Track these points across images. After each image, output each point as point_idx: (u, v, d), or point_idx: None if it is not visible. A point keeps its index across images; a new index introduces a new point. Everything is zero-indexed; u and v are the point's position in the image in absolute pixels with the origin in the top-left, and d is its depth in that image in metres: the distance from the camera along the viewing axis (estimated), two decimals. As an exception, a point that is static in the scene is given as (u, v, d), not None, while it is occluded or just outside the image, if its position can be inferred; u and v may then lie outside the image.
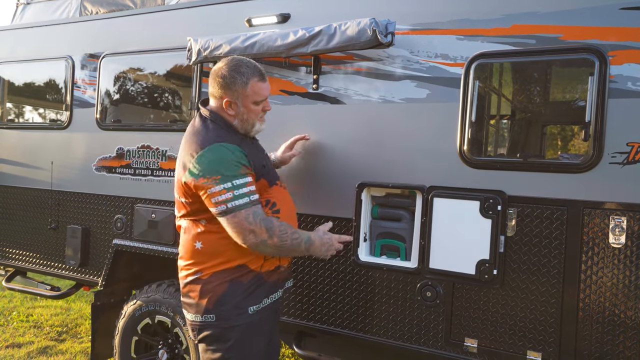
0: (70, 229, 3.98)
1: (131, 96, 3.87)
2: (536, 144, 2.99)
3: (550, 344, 2.46)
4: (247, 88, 2.30)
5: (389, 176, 2.84)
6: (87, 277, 3.96)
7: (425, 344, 2.74)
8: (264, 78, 2.36)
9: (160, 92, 3.77)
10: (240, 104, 2.32)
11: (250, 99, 2.32)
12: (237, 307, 2.28)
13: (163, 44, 3.60)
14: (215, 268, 2.30)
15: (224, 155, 2.20)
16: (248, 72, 2.31)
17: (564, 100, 2.62)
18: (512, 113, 2.77)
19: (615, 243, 2.34)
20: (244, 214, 2.17)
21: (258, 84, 2.33)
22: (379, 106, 2.88)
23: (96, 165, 3.89)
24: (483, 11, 2.63)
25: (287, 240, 2.28)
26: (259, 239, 2.20)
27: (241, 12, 3.28)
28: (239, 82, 2.29)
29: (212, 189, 2.16)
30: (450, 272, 2.65)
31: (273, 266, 2.39)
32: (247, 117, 2.35)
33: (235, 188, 2.17)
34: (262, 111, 2.39)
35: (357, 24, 2.75)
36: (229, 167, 2.18)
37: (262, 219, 2.21)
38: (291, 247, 2.31)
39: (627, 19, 2.34)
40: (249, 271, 2.31)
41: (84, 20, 4.12)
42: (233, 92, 2.31)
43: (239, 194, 2.17)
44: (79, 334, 5.21)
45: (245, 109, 2.33)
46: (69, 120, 4.07)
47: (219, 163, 2.18)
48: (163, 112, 3.78)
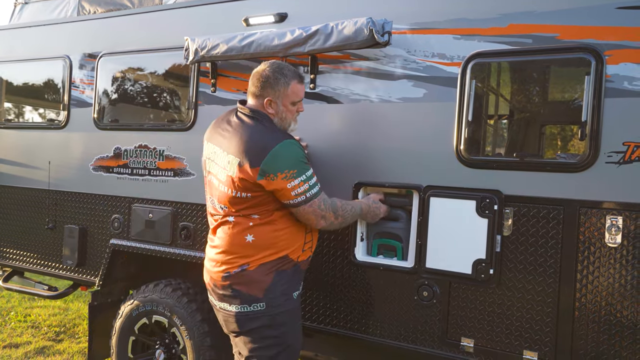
0: (67, 228, 3.98)
1: (128, 96, 3.87)
2: (532, 144, 2.99)
3: (546, 344, 2.46)
4: (289, 88, 2.52)
5: (385, 176, 2.84)
6: (84, 277, 3.95)
7: (421, 343, 2.73)
8: (302, 81, 2.60)
9: (158, 91, 3.77)
10: (280, 103, 2.53)
11: (290, 99, 2.54)
12: (285, 293, 2.49)
13: (160, 43, 3.60)
14: (263, 260, 2.46)
15: (295, 151, 2.42)
16: (290, 74, 2.54)
17: (560, 100, 2.62)
18: (508, 113, 2.77)
19: (612, 242, 2.34)
20: (317, 202, 2.45)
21: (297, 86, 2.55)
22: (376, 106, 2.87)
23: (93, 165, 3.89)
24: (480, 10, 2.63)
25: (348, 216, 2.62)
26: (328, 222, 2.53)
27: (238, 12, 3.28)
28: (281, 82, 2.51)
29: (292, 183, 2.38)
30: (447, 272, 2.65)
31: (306, 256, 2.63)
32: (285, 116, 2.55)
33: (309, 179, 2.42)
34: (296, 112, 2.60)
35: (353, 23, 2.75)
36: (301, 160, 2.42)
37: (330, 204, 2.52)
38: (351, 220, 2.67)
39: (623, 19, 2.34)
40: (290, 261, 2.52)
41: (82, 20, 4.12)
42: (275, 92, 2.51)
43: (312, 183, 2.44)
44: (77, 334, 5.21)
45: (284, 108, 2.54)
46: (66, 120, 4.07)
47: (293, 158, 2.40)
48: (160, 112, 3.77)
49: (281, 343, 2.49)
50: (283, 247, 2.50)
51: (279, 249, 2.48)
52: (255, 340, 2.48)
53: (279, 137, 2.43)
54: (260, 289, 2.45)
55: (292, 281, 2.54)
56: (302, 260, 2.59)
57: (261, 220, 2.47)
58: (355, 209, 2.66)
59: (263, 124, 2.49)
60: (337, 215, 2.55)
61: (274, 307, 2.46)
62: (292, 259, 2.53)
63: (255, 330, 2.48)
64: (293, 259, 2.53)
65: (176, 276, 3.56)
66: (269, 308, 2.46)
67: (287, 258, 2.51)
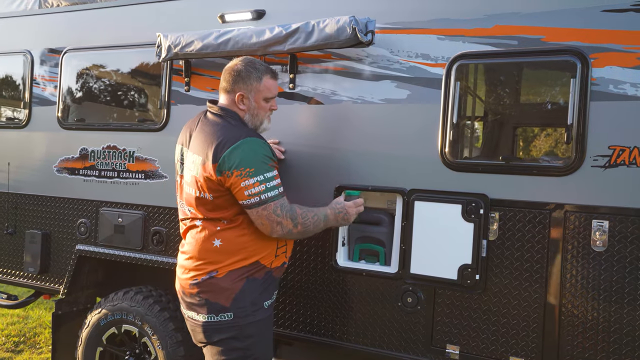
0: (29, 234, 3.76)
1: (96, 94, 3.68)
2: (518, 147, 2.97)
3: (532, 349, 2.44)
4: (261, 83, 2.42)
5: (368, 179, 2.76)
6: (47, 285, 3.75)
7: (406, 350, 2.67)
8: (275, 77, 2.50)
9: (127, 90, 3.60)
10: (252, 99, 2.43)
11: (262, 94, 2.44)
12: (254, 303, 2.35)
13: (130, 39, 3.44)
14: (232, 266, 2.33)
15: (257, 149, 2.29)
16: (262, 69, 2.44)
17: (546, 103, 2.61)
18: (494, 115, 2.74)
19: (598, 246, 2.33)
20: (273, 206, 2.28)
21: (270, 81, 2.46)
22: (358, 107, 2.80)
23: (57, 167, 3.68)
24: (464, 11, 2.59)
25: (309, 225, 2.39)
26: (285, 230, 2.32)
27: (214, 8, 3.15)
28: (254, 76, 2.41)
29: (246, 182, 2.24)
30: (432, 278, 2.60)
31: (280, 262, 2.48)
32: (257, 112, 2.45)
33: (267, 181, 2.27)
34: (269, 110, 2.49)
35: (336, 21, 2.66)
36: (261, 160, 2.28)
37: (288, 210, 2.32)
38: (313, 229, 2.43)
39: (608, 22, 2.33)
40: (261, 267, 2.38)
41: (44, 13, 3.90)
42: (247, 86, 2.41)
43: (270, 186, 2.27)
44: (38, 343, 4.97)
45: (256, 104, 2.44)
46: (27, 119, 3.85)
47: (251, 156, 2.26)
48: (130, 112, 3.60)
49: (249, 356, 2.35)
50: (253, 253, 2.37)
51: (248, 254, 2.36)
52: (222, 352, 2.35)
53: (243, 134, 2.31)
54: (228, 297, 2.32)
55: (264, 290, 2.41)
56: (275, 267, 2.46)
57: (229, 224, 2.35)
58: (319, 216, 2.43)
59: (229, 122, 2.39)
60: (295, 223, 2.33)
61: (242, 318, 2.33)
62: (264, 265, 2.40)
63: (222, 341, 2.35)
64: (265, 265, 2.40)
65: (147, 283, 3.41)
66: (236, 318, 2.33)
67: (258, 264, 2.38)
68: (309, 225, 2.39)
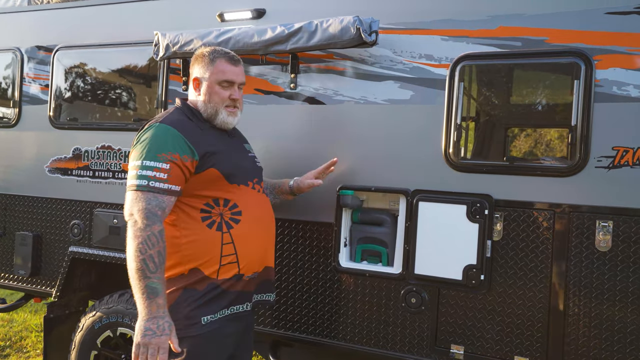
0: (19, 235, 3.67)
1: (89, 93, 3.61)
2: (522, 148, 2.99)
3: (537, 349, 2.45)
4: (214, 65, 2.25)
5: (371, 179, 2.75)
6: (38, 288, 3.66)
7: (410, 351, 2.67)
8: (234, 62, 2.28)
9: (122, 89, 3.53)
10: (205, 83, 2.25)
11: (215, 78, 2.24)
12: (188, 317, 2.08)
13: (126, 37, 3.37)
14: (168, 271, 2.09)
15: (161, 136, 2.08)
16: (218, 52, 2.28)
17: (550, 104, 2.63)
18: (497, 116, 2.75)
19: (602, 246, 2.35)
20: (135, 195, 2.00)
21: (225, 64, 2.26)
22: (361, 107, 2.79)
23: (49, 167, 3.60)
24: (468, 12, 2.59)
25: (138, 261, 1.92)
26: (129, 228, 1.99)
27: (213, 6, 3.11)
28: (207, 58, 2.26)
29: (131, 163, 2.07)
30: (436, 278, 2.60)
31: (231, 274, 2.15)
32: (209, 98, 2.24)
33: (144, 168, 2.02)
34: (229, 99, 2.25)
35: (339, 21, 2.65)
36: (157, 148, 2.05)
37: (148, 213, 1.97)
38: (134, 272, 1.94)
39: (612, 24, 2.36)
40: (202, 277, 2.11)
41: (35, 10, 3.81)
42: (200, 69, 2.27)
43: (145, 175, 2.01)
44: (25, 347, 4.86)
45: (208, 89, 2.24)
46: (17, 118, 3.76)
47: (151, 141, 2.07)
48: (125, 111, 3.54)
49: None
50: (189, 258, 2.10)
51: (183, 259, 2.10)
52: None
53: (160, 120, 2.14)
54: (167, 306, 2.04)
55: (204, 304, 2.10)
56: (223, 279, 2.13)
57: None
58: (151, 285, 1.92)
59: (169, 112, 2.24)
60: (137, 235, 1.95)
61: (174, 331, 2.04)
62: (205, 275, 2.10)
63: None
64: (206, 274, 2.10)
65: (143, 285, 3.34)
66: None
67: (197, 272, 2.10)
68: (137, 262, 1.93)
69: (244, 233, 2.18)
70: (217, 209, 2.15)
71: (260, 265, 2.28)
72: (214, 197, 2.15)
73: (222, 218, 2.15)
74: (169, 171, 2.03)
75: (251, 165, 2.38)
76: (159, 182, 2.02)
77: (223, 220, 2.15)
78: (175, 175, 2.05)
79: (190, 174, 2.10)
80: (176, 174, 2.05)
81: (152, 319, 1.93)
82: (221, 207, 2.16)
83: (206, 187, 2.14)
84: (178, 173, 2.06)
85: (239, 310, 2.22)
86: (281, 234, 2.92)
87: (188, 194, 2.12)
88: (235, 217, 2.18)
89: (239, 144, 2.42)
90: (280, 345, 3.12)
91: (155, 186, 2.01)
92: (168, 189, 2.03)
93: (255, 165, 2.41)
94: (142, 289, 1.93)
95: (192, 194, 2.13)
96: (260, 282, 2.30)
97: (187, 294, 2.09)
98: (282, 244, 2.93)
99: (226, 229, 2.15)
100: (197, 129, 2.19)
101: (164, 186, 2.02)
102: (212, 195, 2.15)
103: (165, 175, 2.02)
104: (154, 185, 2.01)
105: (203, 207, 2.14)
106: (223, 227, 2.15)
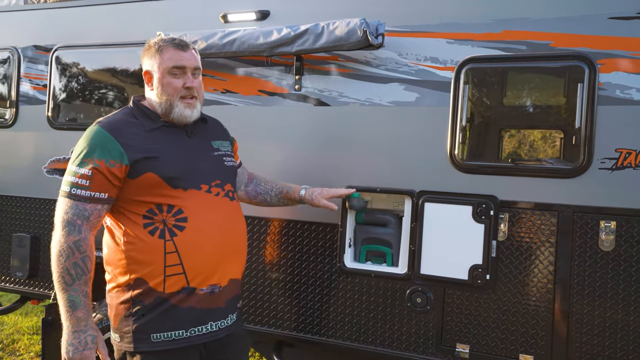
0: (16, 237, 3.62)
1: (89, 93, 3.58)
2: (526, 149, 3.04)
3: (542, 347, 2.49)
4: (162, 53, 2.05)
5: (376, 181, 2.78)
6: (36, 290, 3.62)
7: (415, 350, 2.70)
8: (181, 47, 2.07)
9: (122, 89, 3.51)
10: (156, 75, 2.07)
11: (164, 67, 2.04)
12: (137, 330, 1.96)
13: (127, 38, 3.35)
14: (115, 279, 2.01)
15: (87, 137, 1.97)
16: (165, 40, 2.09)
17: (554, 106, 2.67)
18: (502, 118, 2.79)
19: (605, 246, 2.40)
20: (60, 200, 1.94)
21: (172, 50, 2.05)
22: (366, 109, 2.81)
23: (48, 168, 3.57)
24: (474, 15, 2.63)
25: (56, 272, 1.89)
26: (53, 236, 1.93)
27: (216, 7, 3.11)
28: (153, 48, 2.08)
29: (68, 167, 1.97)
30: (442, 278, 2.63)
31: (178, 286, 1.97)
32: (162, 91, 2.06)
33: (68, 173, 1.94)
34: (184, 88, 2.05)
35: (346, 24, 2.67)
36: (82, 151, 1.94)
37: (65, 223, 1.90)
38: (55, 283, 1.90)
39: (615, 28, 2.41)
40: (150, 290, 1.96)
41: (33, 9, 3.77)
42: (148, 60, 2.09)
43: (67, 179, 1.93)
44: (17, 350, 4.79)
45: (160, 81, 2.06)
46: (14, 118, 3.72)
47: (79, 143, 1.97)
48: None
49: None
50: (133, 267, 1.96)
51: (127, 267, 1.97)
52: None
53: (99, 121, 2.03)
54: (116, 318, 2.00)
55: (154, 319, 1.96)
56: (170, 293, 1.96)
57: (108, 228, 2.06)
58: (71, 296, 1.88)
59: (116, 111, 2.13)
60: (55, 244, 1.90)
61: (125, 344, 1.98)
62: (152, 288, 1.96)
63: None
64: (151, 286, 1.96)
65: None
66: (121, 342, 1.99)
67: (142, 283, 1.96)
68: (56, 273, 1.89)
69: (190, 241, 1.98)
70: (159, 215, 1.97)
71: (222, 278, 2.07)
72: (157, 202, 1.98)
73: (165, 225, 1.97)
74: (91, 178, 1.91)
75: (212, 166, 2.15)
76: (80, 190, 1.91)
77: (166, 227, 1.97)
78: (99, 182, 1.92)
79: (120, 180, 1.95)
80: (99, 181, 1.92)
81: (74, 332, 1.89)
82: (164, 214, 1.98)
83: (147, 192, 1.98)
84: (101, 180, 1.92)
85: (205, 331, 2.03)
86: (286, 234, 2.94)
87: (129, 199, 1.99)
88: (179, 223, 1.98)
89: (199, 142, 2.17)
90: (284, 345, 3.13)
91: (76, 193, 1.91)
92: (91, 196, 1.92)
93: (219, 165, 2.18)
94: (62, 301, 1.89)
95: (133, 200, 1.98)
96: (233, 297, 2.14)
97: (136, 305, 1.97)
98: (287, 245, 2.94)
99: (169, 236, 1.97)
100: (139, 131, 2.03)
101: (86, 194, 1.91)
102: (155, 201, 1.98)
103: (87, 182, 1.91)
104: (75, 193, 1.91)
105: (145, 213, 1.98)
106: (166, 234, 1.96)
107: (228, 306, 2.11)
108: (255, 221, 2.98)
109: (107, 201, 1.96)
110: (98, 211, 1.95)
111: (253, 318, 2.99)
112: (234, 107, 3.06)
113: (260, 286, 3.00)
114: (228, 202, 2.15)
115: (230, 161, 2.25)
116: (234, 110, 3.04)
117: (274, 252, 2.97)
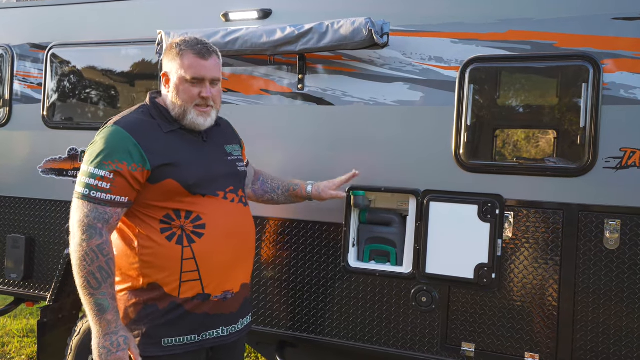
0: (10, 238, 3.56)
1: (86, 92, 3.52)
2: (531, 148, 3.05)
3: (547, 345, 2.51)
4: (181, 58, 1.99)
5: (381, 180, 2.77)
6: (31, 292, 3.56)
7: (420, 349, 2.70)
8: (203, 55, 2.00)
9: (121, 88, 3.46)
10: (173, 79, 2.02)
11: (182, 73, 1.99)
12: (148, 335, 1.93)
13: (125, 36, 3.31)
14: (126, 283, 1.97)
15: (105, 137, 1.90)
16: (188, 43, 2.01)
17: (559, 106, 2.69)
18: (507, 117, 2.81)
19: (610, 245, 2.42)
20: (77, 203, 1.87)
21: (193, 57, 1.99)
22: (370, 108, 2.81)
23: (43, 168, 3.51)
24: (478, 15, 2.64)
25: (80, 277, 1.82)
26: (70, 240, 1.87)
27: (218, 5, 3.09)
28: (174, 50, 2.01)
29: (81, 165, 1.91)
30: (448, 277, 2.63)
31: (193, 292, 1.96)
32: (177, 96, 2.00)
33: (87, 175, 1.86)
34: (199, 97, 2.00)
35: (351, 23, 2.66)
36: (101, 152, 1.87)
37: (86, 227, 1.83)
38: (79, 288, 1.84)
39: (619, 29, 2.44)
40: (164, 295, 1.94)
41: (27, 6, 3.70)
42: (169, 63, 2.04)
43: (85, 182, 1.86)
44: (8, 353, 4.70)
45: (176, 86, 2.00)
46: (7, 117, 3.65)
47: (97, 144, 1.91)
48: (123, 111, 3.46)
49: None
50: (148, 271, 1.93)
51: (141, 271, 1.94)
52: None
53: (116, 120, 1.97)
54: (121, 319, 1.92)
55: (166, 323, 1.94)
56: (185, 298, 1.94)
57: (120, 230, 2.00)
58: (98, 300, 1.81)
59: (132, 109, 2.07)
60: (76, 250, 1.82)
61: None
62: (167, 293, 1.93)
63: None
64: (168, 292, 1.93)
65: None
66: None
67: (157, 288, 1.93)
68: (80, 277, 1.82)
69: (208, 248, 1.97)
70: (177, 221, 1.95)
71: (235, 283, 2.07)
72: (175, 208, 1.95)
73: (183, 231, 1.95)
74: (113, 181, 1.85)
75: (227, 171, 2.14)
76: (101, 192, 1.85)
77: (184, 233, 1.95)
78: (120, 185, 1.87)
79: (141, 184, 1.91)
80: (121, 184, 1.87)
81: (105, 336, 1.83)
82: (182, 220, 1.96)
83: (165, 198, 1.94)
84: (123, 184, 1.87)
85: (215, 335, 2.03)
86: (289, 234, 2.92)
87: (146, 204, 1.95)
88: (198, 230, 1.97)
89: (214, 147, 2.15)
90: (287, 346, 3.11)
91: (96, 196, 1.84)
92: (111, 200, 1.86)
93: (233, 170, 2.17)
94: (90, 305, 1.83)
95: (151, 205, 1.95)
96: (244, 302, 2.14)
97: (148, 309, 1.94)
98: (290, 245, 2.93)
99: (187, 242, 1.94)
100: (158, 132, 1.98)
101: (107, 197, 1.85)
102: (173, 207, 1.95)
103: (108, 185, 1.85)
104: (95, 196, 1.84)
105: (163, 218, 1.95)
106: (184, 240, 1.94)
107: (239, 310, 2.11)
108: (259, 221, 2.96)
109: (127, 205, 1.92)
110: (117, 214, 1.90)
111: (256, 318, 2.97)
112: (235, 106, 3.04)
113: (263, 286, 2.98)
114: (242, 208, 2.14)
115: (242, 166, 2.24)
116: (235, 110, 3.01)
117: (278, 252, 2.95)
